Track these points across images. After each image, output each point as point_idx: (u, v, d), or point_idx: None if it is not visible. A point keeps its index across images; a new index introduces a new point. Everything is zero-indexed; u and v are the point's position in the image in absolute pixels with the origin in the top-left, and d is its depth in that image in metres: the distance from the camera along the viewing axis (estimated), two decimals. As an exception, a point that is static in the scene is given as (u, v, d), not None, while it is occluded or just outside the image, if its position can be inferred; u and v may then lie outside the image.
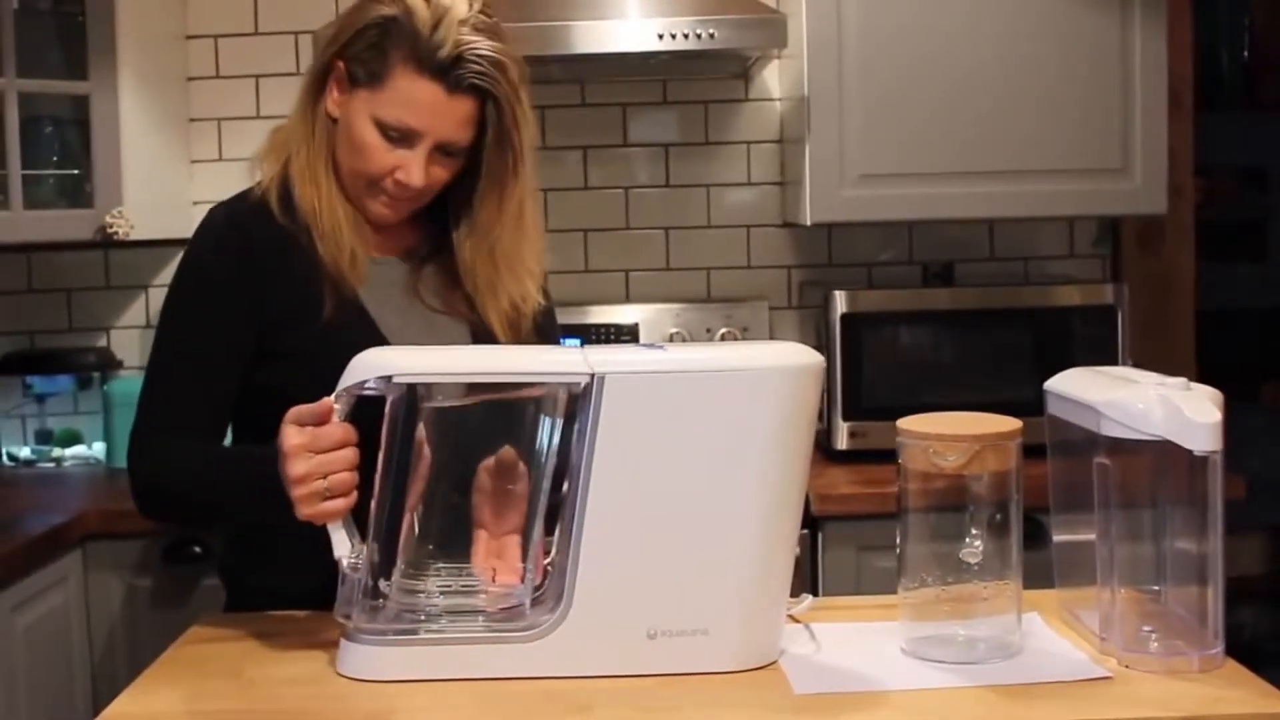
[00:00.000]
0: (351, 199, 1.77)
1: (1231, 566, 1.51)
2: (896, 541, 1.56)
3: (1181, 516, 1.49)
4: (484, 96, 1.70)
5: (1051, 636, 1.59)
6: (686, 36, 2.71)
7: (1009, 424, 1.52)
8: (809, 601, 1.67)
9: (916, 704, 1.41)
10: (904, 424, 1.54)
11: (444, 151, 1.73)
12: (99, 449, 3.06)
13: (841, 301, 2.84)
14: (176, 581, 2.57)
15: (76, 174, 2.81)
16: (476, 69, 1.68)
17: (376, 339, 1.73)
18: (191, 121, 3.15)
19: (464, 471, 1.58)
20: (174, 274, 1.80)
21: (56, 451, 3.08)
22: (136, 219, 2.78)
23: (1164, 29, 2.84)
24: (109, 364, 3.11)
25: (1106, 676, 1.46)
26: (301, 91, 1.78)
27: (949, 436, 1.50)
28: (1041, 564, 1.68)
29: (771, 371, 1.47)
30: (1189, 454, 1.42)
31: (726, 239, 3.23)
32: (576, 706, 1.41)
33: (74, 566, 2.52)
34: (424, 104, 1.69)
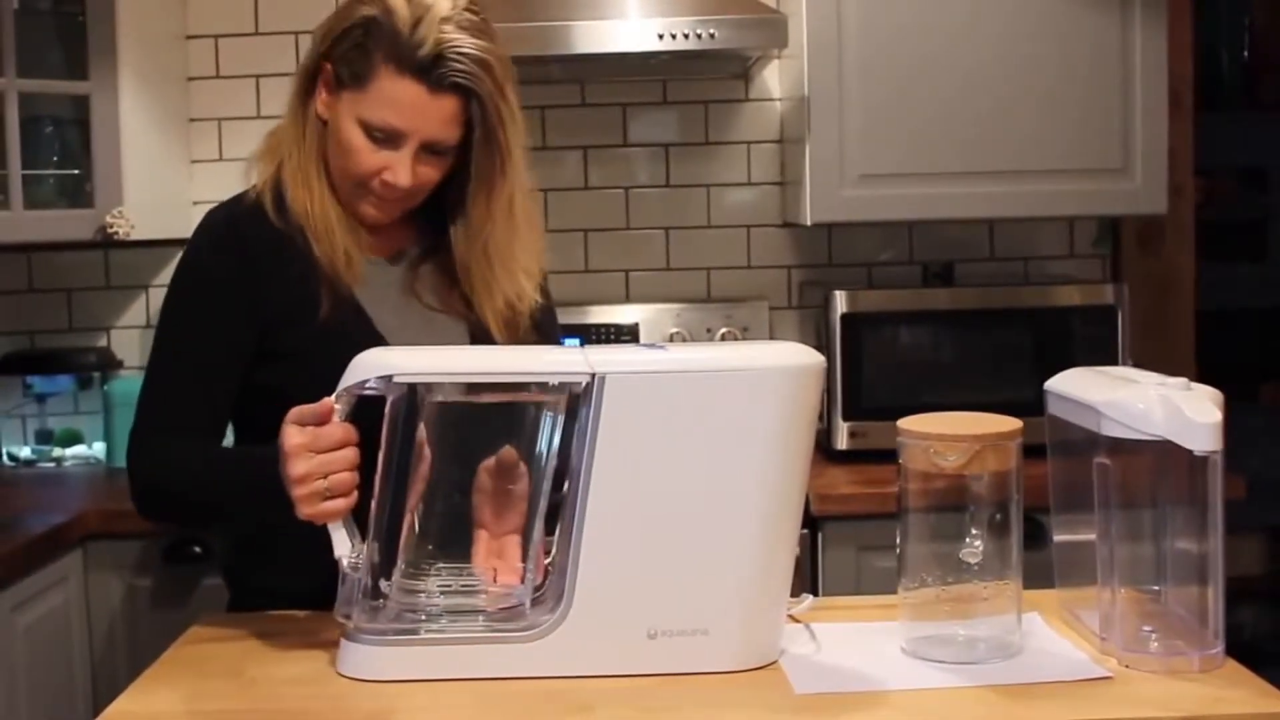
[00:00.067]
0: (343, 200, 1.77)
1: (1231, 566, 1.51)
2: (896, 541, 1.56)
3: (1182, 516, 1.49)
4: (467, 95, 1.69)
5: (1052, 636, 1.59)
6: (686, 36, 2.70)
7: (1009, 424, 1.52)
8: (809, 601, 1.67)
9: (916, 704, 1.41)
10: (904, 424, 1.54)
11: (431, 151, 1.72)
12: (99, 449, 3.06)
13: (841, 301, 2.84)
14: (176, 581, 2.57)
15: (77, 174, 2.81)
16: (458, 67, 1.67)
17: (374, 338, 1.73)
18: (191, 121, 3.15)
19: (464, 471, 1.58)
20: (172, 275, 1.80)
21: (57, 451, 3.09)
22: (137, 219, 2.78)
23: (1164, 29, 2.84)
24: (109, 364, 3.11)
25: (1107, 676, 1.46)
26: (291, 94, 1.78)
27: (949, 436, 1.50)
28: (1041, 564, 1.68)
29: (772, 371, 1.47)
30: (1189, 454, 1.42)
31: (726, 239, 3.22)
32: (576, 706, 1.41)
33: (74, 566, 2.52)
34: (407, 104, 1.68)
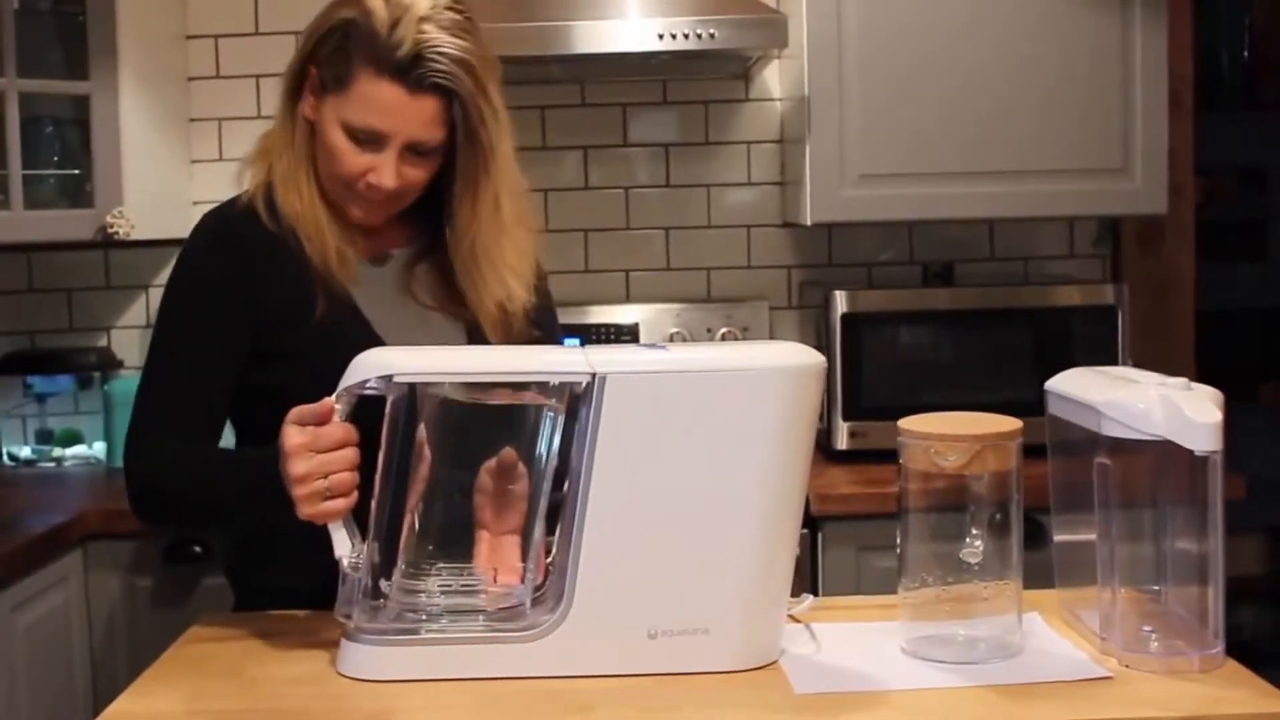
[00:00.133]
0: (333, 202, 1.77)
1: (1231, 566, 1.51)
2: (897, 541, 1.56)
3: (1182, 516, 1.49)
4: (448, 95, 1.68)
5: (1052, 636, 1.59)
6: (686, 36, 2.70)
7: (1009, 424, 1.52)
8: (809, 601, 1.67)
9: (916, 704, 1.41)
10: (904, 424, 1.54)
11: (416, 151, 1.72)
12: (99, 449, 3.06)
13: (842, 301, 2.84)
14: (176, 581, 2.57)
15: (77, 174, 2.81)
16: (437, 67, 1.66)
17: (371, 338, 1.72)
18: (192, 121, 3.15)
19: (465, 471, 1.58)
20: (169, 276, 1.80)
21: (57, 451, 3.09)
22: (137, 219, 2.78)
23: (1164, 29, 2.84)
24: (109, 364, 3.11)
25: (1107, 676, 1.46)
26: (280, 98, 1.78)
27: (949, 436, 1.50)
28: (1041, 564, 1.68)
29: (772, 371, 1.47)
30: (1189, 454, 1.42)
31: (726, 239, 3.22)
32: (576, 706, 1.41)
33: (74, 566, 2.52)
34: (387, 105, 1.67)
